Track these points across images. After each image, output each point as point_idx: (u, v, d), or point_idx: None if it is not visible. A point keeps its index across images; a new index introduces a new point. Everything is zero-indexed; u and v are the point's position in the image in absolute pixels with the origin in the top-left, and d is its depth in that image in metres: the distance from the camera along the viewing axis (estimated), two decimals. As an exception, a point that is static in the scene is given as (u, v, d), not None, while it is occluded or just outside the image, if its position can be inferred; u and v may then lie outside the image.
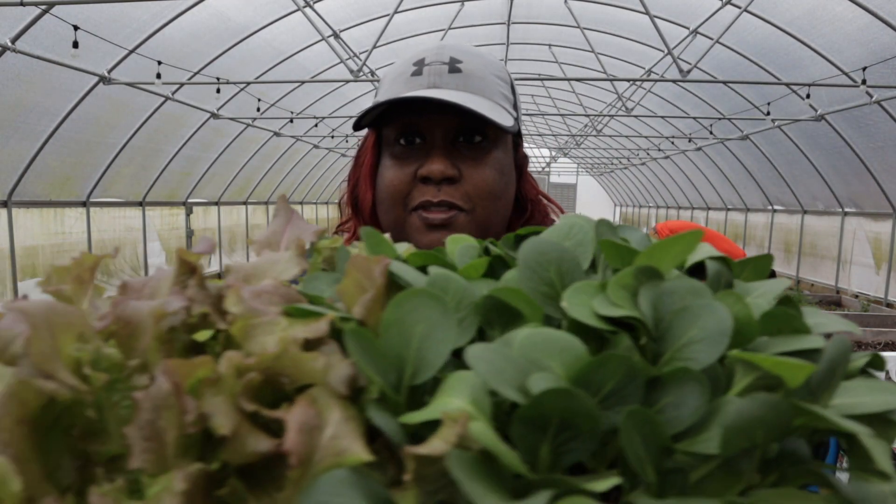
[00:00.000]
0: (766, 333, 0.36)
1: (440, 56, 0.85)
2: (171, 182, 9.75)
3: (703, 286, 0.37)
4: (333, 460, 0.29)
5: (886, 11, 5.86)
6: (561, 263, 0.40)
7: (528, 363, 0.32)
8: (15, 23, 5.30)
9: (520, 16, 8.97)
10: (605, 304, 0.36)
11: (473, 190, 0.82)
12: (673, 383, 0.32)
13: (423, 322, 0.34)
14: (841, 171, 8.95)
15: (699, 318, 0.34)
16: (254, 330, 0.34)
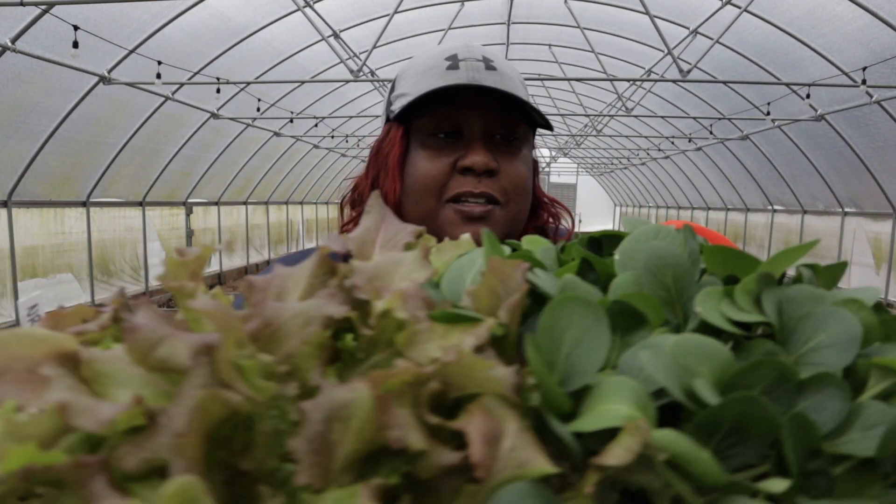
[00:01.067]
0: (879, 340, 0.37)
1: (473, 53, 0.86)
2: (171, 182, 9.75)
3: (823, 293, 0.39)
4: (514, 472, 0.28)
5: (886, 11, 5.86)
6: (676, 269, 0.42)
7: (680, 368, 0.33)
8: (15, 23, 5.30)
9: (520, 16, 8.97)
10: (734, 309, 0.37)
11: (510, 184, 0.84)
12: (811, 387, 0.33)
13: (575, 328, 0.35)
14: (841, 171, 8.96)
15: (826, 323, 0.35)
16: (417, 337, 0.33)
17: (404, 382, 0.30)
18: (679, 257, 0.42)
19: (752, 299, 0.39)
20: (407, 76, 0.89)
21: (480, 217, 0.82)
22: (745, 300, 0.38)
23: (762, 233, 12.36)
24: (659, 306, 0.39)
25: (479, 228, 0.81)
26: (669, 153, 14.15)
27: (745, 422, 0.30)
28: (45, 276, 7.35)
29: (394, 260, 0.41)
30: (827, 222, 10.08)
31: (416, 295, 0.36)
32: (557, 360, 0.34)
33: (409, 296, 0.35)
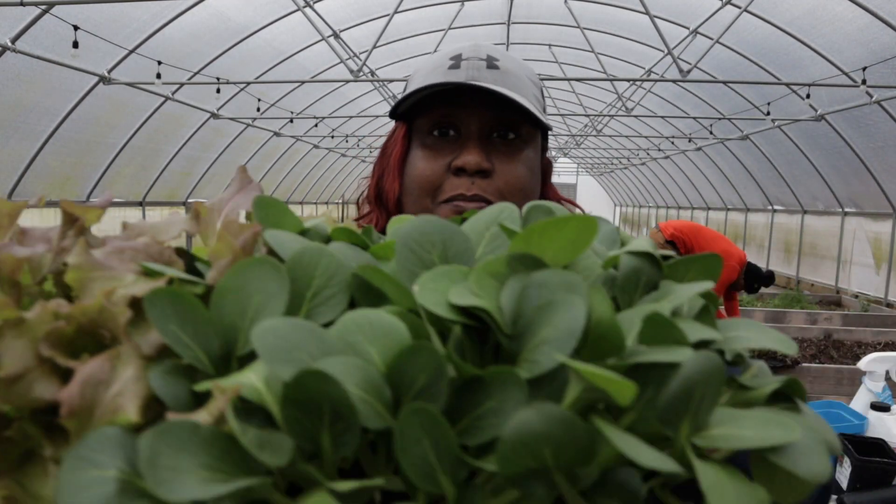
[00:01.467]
0: (646, 342, 0.32)
1: (477, 52, 0.85)
2: (171, 182, 9.75)
3: (578, 280, 0.32)
4: (110, 417, 0.28)
5: (886, 11, 5.86)
6: (447, 246, 0.36)
7: (343, 345, 0.30)
8: (15, 23, 5.30)
9: (520, 16, 8.97)
10: (463, 293, 0.32)
11: (505, 186, 0.82)
12: (496, 386, 0.29)
13: (261, 293, 0.32)
14: (841, 171, 8.96)
15: (555, 314, 0.30)
16: (91, 283, 0.33)
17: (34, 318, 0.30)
18: (453, 234, 0.37)
19: (498, 283, 0.34)
20: (416, 75, 0.89)
21: None
22: (484, 283, 0.33)
23: (762, 233, 12.36)
24: (399, 284, 0.34)
25: None
26: (669, 153, 14.15)
27: (337, 405, 0.27)
28: (45, 276, 7.36)
29: (171, 221, 0.42)
30: (827, 222, 10.09)
31: (142, 250, 0.36)
32: (243, 324, 0.32)
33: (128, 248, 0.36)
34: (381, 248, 0.41)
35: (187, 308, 0.31)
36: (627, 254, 0.38)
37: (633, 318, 0.33)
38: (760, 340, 0.34)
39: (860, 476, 1.74)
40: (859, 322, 7.25)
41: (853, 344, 6.23)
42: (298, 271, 0.35)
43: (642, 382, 0.29)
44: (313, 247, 0.36)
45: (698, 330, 0.32)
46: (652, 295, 0.37)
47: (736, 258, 5.92)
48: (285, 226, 0.41)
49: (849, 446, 1.78)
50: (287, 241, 0.37)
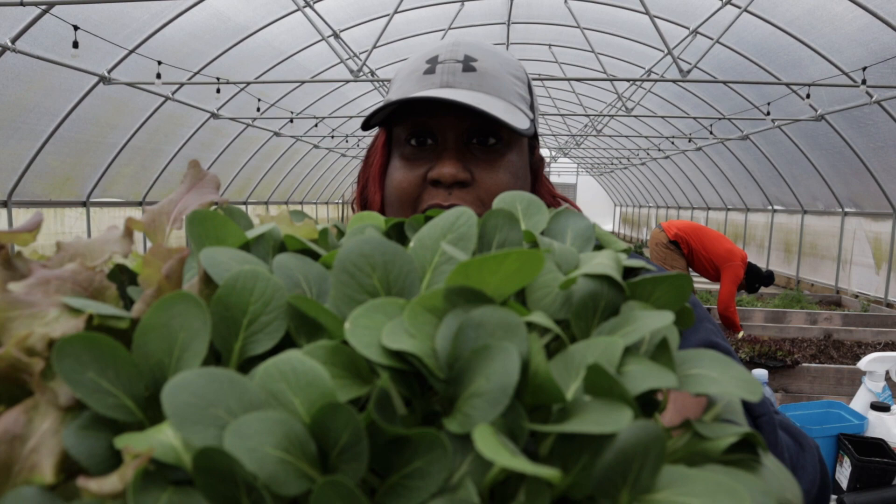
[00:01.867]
0: (591, 393, 0.30)
1: (454, 53, 0.81)
2: (171, 182, 9.75)
3: (517, 321, 0.30)
4: (26, 475, 0.27)
5: (886, 11, 5.86)
6: (388, 270, 0.34)
7: (265, 396, 0.28)
8: (15, 23, 5.30)
9: (520, 16, 8.97)
10: (396, 333, 0.30)
11: (486, 194, 0.78)
12: (423, 447, 0.28)
13: (185, 330, 0.30)
14: (841, 171, 8.96)
15: (490, 364, 0.28)
16: (10, 323, 0.31)
17: None
18: (394, 256, 0.34)
19: (436, 319, 0.31)
20: (396, 79, 0.86)
21: None
22: (420, 321, 0.31)
23: (762, 233, 12.37)
24: (332, 315, 0.32)
25: None
26: (669, 153, 14.15)
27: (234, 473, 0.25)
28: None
29: (107, 238, 0.39)
30: (827, 222, 10.09)
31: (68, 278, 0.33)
32: (170, 363, 0.30)
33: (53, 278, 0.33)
34: (330, 258, 0.39)
35: (106, 352, 0.29)
36: (584, 277, 0.36)
37: (585, 353, 0.32)
38: (723, 383, 0.31)
39: (860, 476, 1.74)
40: (859, 322, 7.25)
41: (853, 344, 6.23)
42: (233, 297, 0.33)
43: (577, 448, 0.28)
44: (247, 271, 0.33)
45: (648, 376, 0.30)
46: (610, 323, 0.35)
47: (739, 257, 5.93)
48: (227, 240, 0.38)
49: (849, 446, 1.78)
50: (223, 262, 0.34)
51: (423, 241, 0.39)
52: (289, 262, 0.36)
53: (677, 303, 0.38)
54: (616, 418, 0.27)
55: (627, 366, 0.31)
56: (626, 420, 0.27)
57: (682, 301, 0.38)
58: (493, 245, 0.40)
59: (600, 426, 0.27)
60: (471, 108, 0.74)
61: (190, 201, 0.42)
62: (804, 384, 4.53)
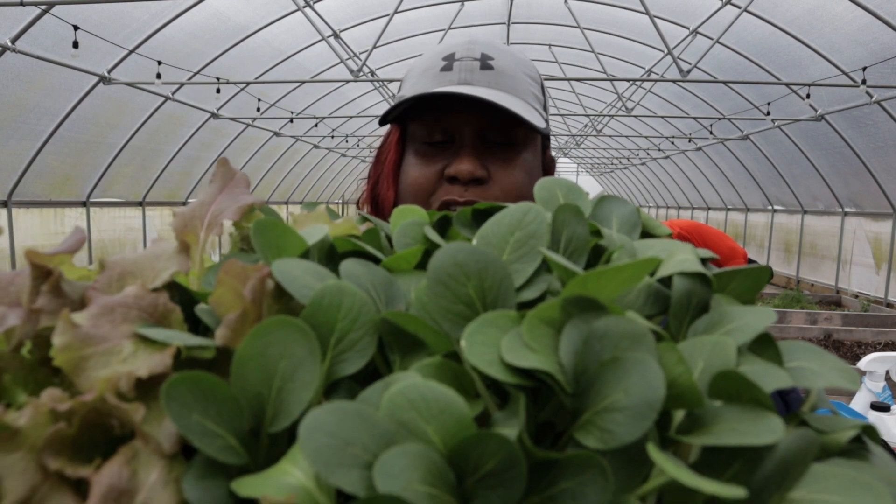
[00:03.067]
0: (717, 396, 0.29)
1: (471, 51, 0.81)
2: (171, 182, 9.75)
3: (643, 330, 0.29)
4: None
5: (886, 11, 5.86)
6: (483, 277, 0.33)
7: (397, 428, 0.27)
8: (15, 23, 5.30)
9: (520, 16, 8.97)
10: (517, 347, 0.29)
11: (502, 193, 0.79)
12: (573, 467, 0.27)
13: (287, 358, 0.29)
14: (841, 171, 8.96)
15: (627, 377, 0.27)
16: (85, 362, 0.28)
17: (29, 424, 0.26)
18: (488, 263, 0.33)
19: (554, 331, 0.30)
20: (409, 76, 0.86)
21: None
22: (538, 333, 0.30)
23: (762, 233, 12.36)
24: (434, 330, 0.31)
25: None
26: (669, 153, 14.15)
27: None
28: (45, 276, 7.36)
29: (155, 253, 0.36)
30: (827, 222, 10.09)
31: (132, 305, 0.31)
32: (270, 395, 0.29)
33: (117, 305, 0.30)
34: (394, 262, 0.38)
35: (207, 390, 0.27)
36: (680, 276, 0.35)
37: (693, 354, 0.31)
38: (825, 375, 0.31)
39: (860, 476, 1.74)
40: (859, 322, 7.25)
41: (853, 344, 6.23)
42: (319, 316, 0.31)
43: (728, 456, 0.28)
44: (332, 287, 0.32)
45: (769, 376, 0.30)
46: (703, 320, 0.34)
47: (741, 254, 5.96)
48: (288, 249, 0.37)
49: (849, 446, 1.78)
50: (299, 277, 0.33)
51: (488, 238, 0.38)
52: (355, 270, 0.35)
53: (752, 293, 0.38)
54: (769, 427, 0.27)
55: (742, 366, 0.31)
56: (780, 429, 0.26)
57: (757, 290, 0.38)
58: (561, 240, 0.39)
59: (760, 437, 0.26)
60: (494, 104, 0.74)
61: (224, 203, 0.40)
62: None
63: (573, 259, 0.38)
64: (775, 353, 0.32)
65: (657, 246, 0.40)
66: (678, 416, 0.30)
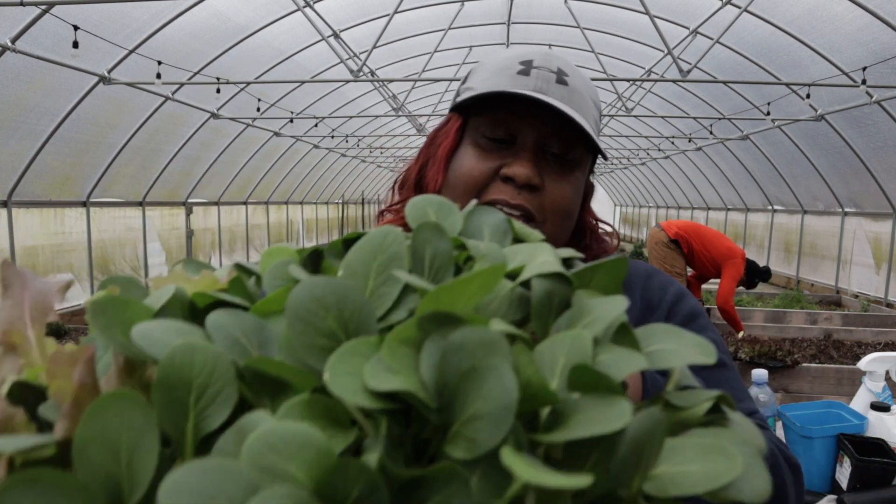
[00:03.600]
0: (576, 389, 0.30)
1: (548, 63, 0.83)
2: (171, 182, 9.75)
3: (497, 337, 0.30)
4: None
5: (886, 11, 5.86)
6: (342, 308, 0.33)
7: (261, 474, 0.26)
8: (15, 23, 5.31)
9: (520, 16, 8.97)
10: (378, 372, 0.30)
11: (550, 203, 0.81)
12: (439, 481, 0.27)
13: (128, 430, 0.28)
14: (841, 171, 8.96)
15: (484, 384, 0.28)
16: None
17: None
18: (345, 293, 0.34)
19: (414, 351, 0.31)
20: (480, 70, 0.87)
21: None
22: (399, 354, 0.30)
23: (762, 233, 12.37)
24: (297, 370, 0.31)
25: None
26: (669, 153, 14.15)
27: None
28: (45, 276, 7.34)
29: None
30: (827, 222, 10.09)
31: None
32: (121, 471, 0.28)
33: None
34: (263, 305, 0.38)
35: (50, 486, 0.26)
36: (538, 277, 0.36)
37: (554, 350, 0.32)
38: (682, 353, 0.33)
39: (860, 476, 1.74)
40: (859, 322, 7.25)
41: (853, 344, 6.23)
42: (174, 377, 0.31)
43: (586, 447, 0.29)
44: (181, 346, 0.31)
45: (623, 362, 0.31)
46: (566, 316, 0.35)
47: (739, 255, 5.96)
48: (134, 319, 0.35)
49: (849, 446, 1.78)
50: (161, 338, 0.32)
51: (353, 267, 0.38)
52: (222, 321, 0.35)
53: (615, 284, 0.40)
54: (618, 412, 0.28)
55: (599, 355, 0.32)
56: (628, 413, 0.28)
57: (619, 282, 0.40)
58: (425, 259, 0.39)
59: (609, 425, 0.27)
60: (571, 118, 0.76)
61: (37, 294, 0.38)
62: (804, 384, 4.53)
63: (440, 275, 0.39)
64: (632, 340, 0.34)
65: (524, 251, 0.42)
66: (545, 415, 0.30)
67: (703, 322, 0.89)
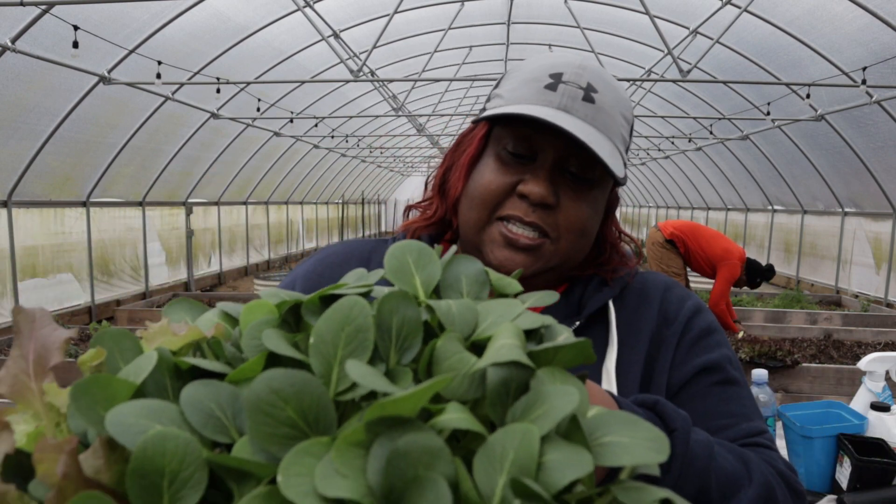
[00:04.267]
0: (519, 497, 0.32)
1: (579, 78, 0.81)
2: (171, 182, 9.75)
3: (439, 446, 0.32)
4: None
5: (886, 11, 5.86)
6: (301, 398, 0.35)
7: None
8: (15, 23, 5.31)
9: (520, 16, 8.97)
10: (328, 475, 0.31)
11: (565, 222, 0.81)
12: None
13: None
14: (841, 171, 8.96)
15: (424, 497, 0.30)
16: None
17: None
18: (303, 384, 0.35)
19: (363, 453, 0.32)
20: (511, 78, 0.86)
21: (526, 248, 0.80)
22: (349, 457, 0.32)
23: (762, 233, 12.37)
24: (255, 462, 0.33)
25: (524, 259, 0.80)
26: (669, 153, 14.15)
27: None
28: (45, 276, 7.35)
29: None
30: (827, 222, 10.09)
31: None
32: None
33: None
34: (239, 374, 0.40)
35: None
36: (493, 366, 0.38)
37: (505, 445, 0.34)
38: (634, 449, 0.34)
39: (860, 476, 1.74)
40: (859, 322, 7.25)
41: (853, 344, 6.23)
42: (147, 464, 0.33)
43: None
44: (153, 436, 0.34)
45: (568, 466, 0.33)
46: (522, 402, 0.37)
47: (736, 255, 5.94)
48: (117, 397, 0.37)
49: (849, 446, 1.78)
50: (132, 423, 0.34)
51: (323, 335, 0.40)
52: (196, 394, 0.37)
53: (578, 361, 0.41)
54: None
55: (546, 455, 0.34)
56: None
57: (582, 359, 0.41)
58: (392, 327, 0.41)
59: None
60: (585, 145, 0.76)
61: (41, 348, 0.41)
62: (804, 384, 4.53)
63: (406, 343, 0.41)
64: (581, 437, 0.35)
65: (496, 309, 0.44)
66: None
67: (719, 338, 0.88)
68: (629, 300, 0.89)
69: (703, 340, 0.87)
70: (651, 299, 0.90)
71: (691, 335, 0.87)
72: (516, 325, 0.42)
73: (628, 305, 0.88)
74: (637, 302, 0.89)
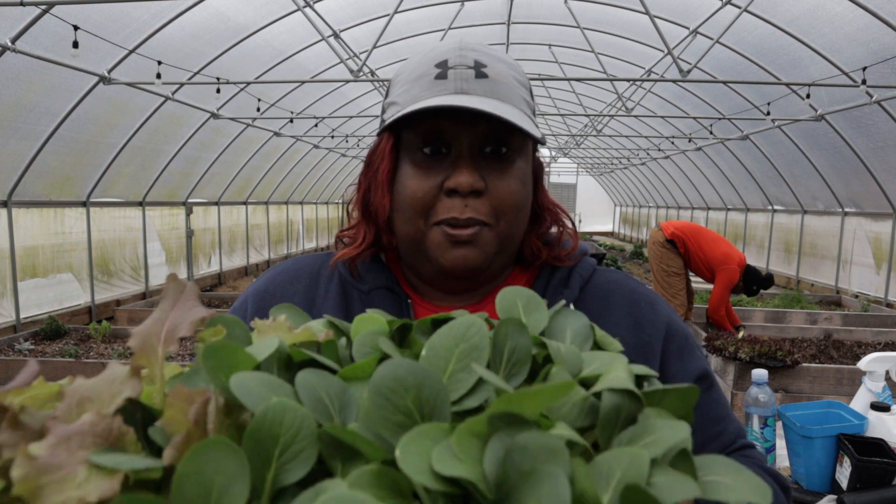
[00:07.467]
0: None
1: (464, 59, 0.80)
2: (171, 182, 9.75)
3: (559, 446, 0.33)
4: None
5: (886, 11, 5.86)
6: (421, 390, 0.37)
7: None
8: (15, 23, 5.31)
9: (520, 16, 8.97)
10: (446, 457, 0.32)
11: (498, 203, 0.79)
12: None
13: (222, 474, 0.32)
14: (841, 171, 8.96)
15: (540, 488, 0.30)
16: (42, 490, 0.30)
17: None
18: (425, 377, 0.37)
19: (481, 443, 0.34)
20: (399, 81, 0.84)
21: (468, 241, 0.79)
22: (466, 445, 0.33)
23: (762, 233, 12.37)
24: (370, 442, 0.34)
25: (467, 252, 0.79)
26: (669, 153, 14.15)
27: None
28: (45, 276, 7.35)
29: (110, 377, 0.38)
30: (827, 222, 10.09)
31: (88, 432, 0.33)
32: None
33: (73, 434, 0.33)
34: (350, 371, 0.42)
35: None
36: (609, 391, 0.39)
37: (612, 464, 0.34)
38: (738, 490, 0.35)
39: (860, 476, 1.74)
40: (859, 322, 7.25)
41: (853, 344, 6.23)
42: (263, 431, 0.35)
43: None
44: (275, 404, 0.35)
45: (677, 487, 0.33)
46: (629, 431, 0.38)
47: (736, 260, 5.93)
48: (239, 367, 0.39)
49: (849, 446, 1.78)
50: (254, 389, 0.36)
51: (436, 349, 0.42)
52: (310, 380, 0.39)
53: (684, 409, 0.42)
54: None
55: (654, 477, 0.34)
56: None
57: (688, 408, 0.42)
58: (504, 351, 0.43)
59: None
60: (498, 118, 0.74)
61: (178, 318, 0.43)
62: (804, 384, 4.52)
63: (515, 369, 0.42)
64: (690, 467, 0.36)
65: (600, 358, 0.45)
66: None
67: (693, 341, 0.88)
68: (591, 303, 0.87)
69: (686, 347, 0.86)
70: (615, 304, 0.88)
71: (677, 343, 0.86)
72: (627, 364, 0.43)
73: (591, 310, 0.86)
74: (600, 305, 0.87)
